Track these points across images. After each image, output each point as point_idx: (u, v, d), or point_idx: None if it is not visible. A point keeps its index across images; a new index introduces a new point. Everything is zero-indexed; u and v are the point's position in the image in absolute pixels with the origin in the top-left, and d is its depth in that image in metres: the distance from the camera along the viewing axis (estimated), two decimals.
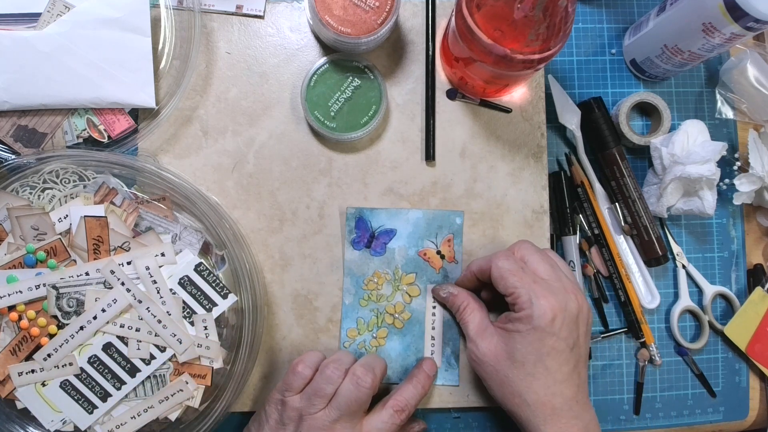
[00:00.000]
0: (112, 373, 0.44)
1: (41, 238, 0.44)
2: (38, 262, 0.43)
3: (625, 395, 0.54)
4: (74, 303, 0.43)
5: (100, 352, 0.44)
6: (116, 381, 0.44)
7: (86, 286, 0.43)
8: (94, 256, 0.44)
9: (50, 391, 0.43)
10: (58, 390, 0.43)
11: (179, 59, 0.49)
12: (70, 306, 0.43)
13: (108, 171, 0.46)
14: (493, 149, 0.52)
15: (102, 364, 0.44)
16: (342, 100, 0.50)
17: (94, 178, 0.46)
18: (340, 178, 0.51)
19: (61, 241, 0.44)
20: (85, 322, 0.43)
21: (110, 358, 0.44)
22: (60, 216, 0.44)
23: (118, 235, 0.44)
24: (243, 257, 0.47)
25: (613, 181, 0.53)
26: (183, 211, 0.47)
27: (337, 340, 0.50)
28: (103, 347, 0.44)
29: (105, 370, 0.44)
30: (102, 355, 0.44)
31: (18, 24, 0.46)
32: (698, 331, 0.55)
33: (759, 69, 0.52)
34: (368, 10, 0.46)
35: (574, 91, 0.55)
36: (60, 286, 0.43)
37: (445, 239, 0.51)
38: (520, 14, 0.38)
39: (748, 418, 0.55)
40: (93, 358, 0.44)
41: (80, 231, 0.44)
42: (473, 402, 0.51)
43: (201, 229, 0.47)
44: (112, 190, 0.46)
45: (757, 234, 0.57)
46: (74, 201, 0.45)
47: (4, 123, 0.47)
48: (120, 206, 0.45)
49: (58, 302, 0.43)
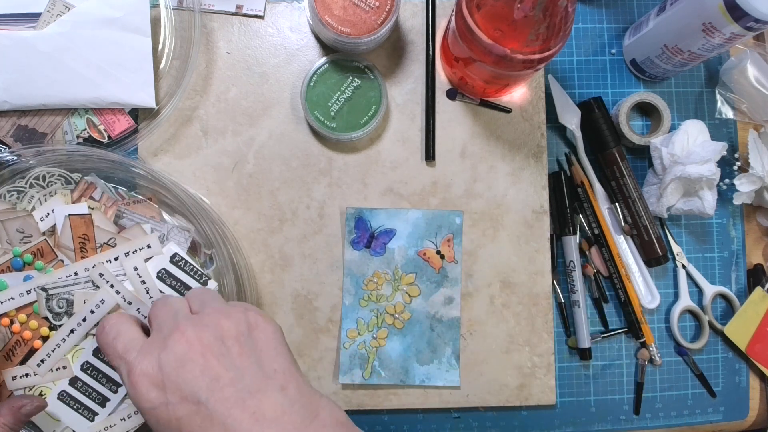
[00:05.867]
0: (106, 378, 0.44)
1: (27, 240, 0.44)
2: (26, 264, 0.43)
3: (625, 395, 0.54)
4: (64, 303, 0.43)
5: (91, 357, 0.44)
6: (112, 384, 0.44)
7: (75, 286, 0.43)
8: (81, 254, 0.44)
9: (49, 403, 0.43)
10: (56, 402, 0.43)
11: (179, 59, 0.49)
12: (60, 307, 0.43)
13: (95, 173, 0.46)
14: (493, 149, 0.52)
15: (95, 370, 0.44)
16: (342, 100, 0.50)
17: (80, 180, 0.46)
18: (340, 178, 0.51)
19: (47, 241, 0.44)
20: (75, 325, 0.43)
21: (102, 362, 0.44)
22: (42, 215, 0.44)
23: (103, 232, 0.44)
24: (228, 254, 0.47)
25: (613, 181, 0.53)
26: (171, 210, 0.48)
27: (337, 340, 0.50)
28: (94, 351, 0.44)
29: (99, 375, 0.44)
30: (94, 360, 0.44)
31: (18, 24, 0.46)
32: (698, 331, 0.55)
33: (759, 69, 0.52)
34: (368, 10, 0.46)
35: (574, 91, 0.55)
36: (49, 288, 0.43)
37: (444, 239, 0.51)
38: (520, 14, 0.38)
39: (748, 418, 0.55)
40: (86, 365, 0.44)
41: (65, 230, 0.44)
42: (473, 402, 0.51)
43: (189, 228, 0.47)
44: (91, 185, 0.46)
45: (757, 234, 0.57)
46: (54, 198, 0.45)
47: (4, 123, 0.47)
48: (99, 200, 0.45)
49: (48, 304, 0.43)
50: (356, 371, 0.50)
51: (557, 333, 0.53)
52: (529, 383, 0.51)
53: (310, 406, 0.34)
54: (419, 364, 0.50)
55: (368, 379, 0.50)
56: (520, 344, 0.51)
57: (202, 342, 0.34)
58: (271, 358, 0.35)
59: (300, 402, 0.33)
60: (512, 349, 0.51)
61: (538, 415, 0.53)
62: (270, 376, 0.34)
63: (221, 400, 0.32)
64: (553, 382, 0.51)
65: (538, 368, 0.51)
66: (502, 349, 0.51)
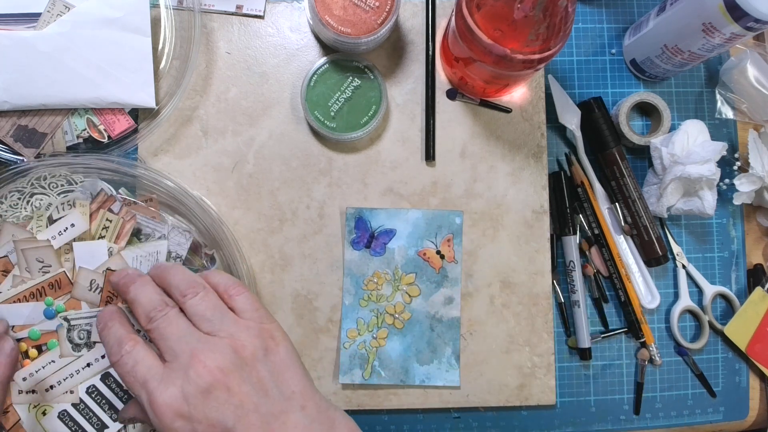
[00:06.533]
0: (109, 404, 0.44)
1: (46, 270, 0.44)
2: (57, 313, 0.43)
3: (625, 395, 0.54)
4: (85, 335, 0.43)
5: (98, 381, 0.44)
6: (113, 412, 0.44)
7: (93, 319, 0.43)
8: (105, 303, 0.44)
9: (49, 422, 0.43)
10: (55, 420, 0.43)
11: (179, 59, 0.49)
12: (80, 338, 0.43)
13: (96, 174, 0.46)
14: (493, 149, 0.52)
15: (100, 395, 0.44)
16: (342, 100, 0.50)
17: (82, 182, 0.46)
18: (340, 178, 0.51)
19: (65, 274, 0.44)
20: (93, 360, 0.43)
21: (108, 388, 0.44)
22: (61, 229, 0.44)
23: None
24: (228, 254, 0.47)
25: (613, 181, 0.53)
26: (171, 211, 0.48)
27: (337, 340, 0.50)
28: (102, 377, 0.44)
29: (102, 401, 0.44)
30: (100, 385, 0.44)
31: (18, 24, 0.46)
32: (698, 331, 0.55)
33: (759, 69, 0.52)
34: (368, 10, 0.46)
35: (574, 91, 0.55)
36: (71, 318, 0.43)
37: (444, 239, 0.51)
38: (520, 14, 0.38)
39: (748, 418, 0.55)
40: (91, 388, 0.43)
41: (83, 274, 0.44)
42: (473, 402, 0.51)
43: (189, 228, 0.47)
44: (110, 198, 0.45)
45: (757, 234, 0.57)
46: (72, 211, 0.44)
47: (4, 123, 0.47)
48: (118, 213, 0.45)
49: (69, 334, 0.43)
50: (356, 371, 0.50)
51: (557, 333, 0.53)
52: (529, 383, 0.51)
53: (327, 422, 0.36)
54: (419, 364, 0.50)
55: (368, 379, 0.50)
56: (520, 344, 0.51)
57: (224, 371, 0.35)
58: (289, 378, 0.37)
59: (318, 419, 0.36)
60: (512, 349, 0.51)
61: (538, 415, 0.53)
62: (290, 398, 0.36)
63: (248, 426, 0.34)
64: (553, 382, 0.51)
65: (538, 368, 0.51)
66: (502, 349, 0.51)
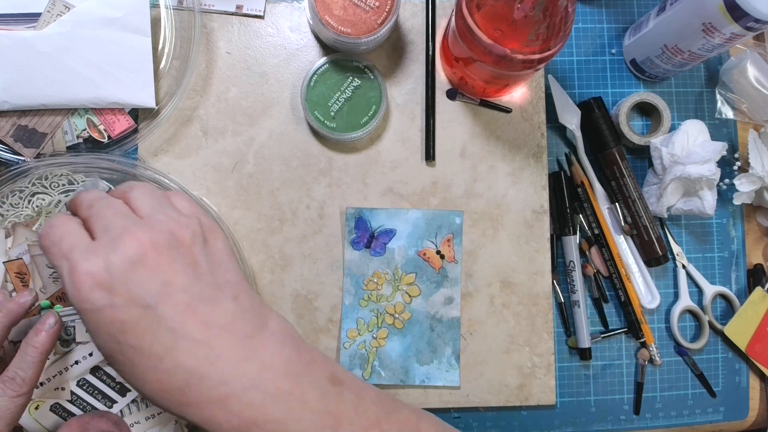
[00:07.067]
0: (102, 394, 0.44)
1: (56, 278, 0.44)
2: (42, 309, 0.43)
3: (625, 395, 0.54)
4: (72, 331, 0.43)
5: (88, 375, 0.44)
6: (107, 401, 0.44)
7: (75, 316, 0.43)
8: None
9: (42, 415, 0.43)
10: (49, 413, 0.43)
11: (179, 59, 0.49)
12: (68, 334, 0.43)
13: (97, 174, 0.46)
14: (493, 149, 0.52)
15: (91, 386, 0.44)
16: (342, 100, 0.50)
17: (83, 181, 0.46)
18: (340, 178, 0.51)
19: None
20: (81, 358, 0.43)
21: (99, 380, 0.44)
22: None
23: None
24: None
25: (613, 181, 0.53)
26: None
27: (337, 340, 0.50)
28: (92, 370, 0.44)
29: (95, 391, 0.44)
30: (91, 378, 0.44)
31: (18, 24, 0.46)
32: (698, 331, 0.55)
33: (759, 69, 0.52)
34: (368, 10, 0.46)
35: (574, 91, 0.55)
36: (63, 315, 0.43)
37: (444, 239, 0.51)
38: (520, 14, 0.38)
39: (748, 418, 0.55)
40: (82, 381, 0.44)
41: None
42: (473, 402, 0.51)
43: None
44: None
45: (757, 234, 0.57)
46: None
47: (4, 123, 0.47)
48: None
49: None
50: (356, 371, 0.50)
51: (557, 333, 0.53)
52: (529, 383, 0.51)
53: (260, 317, 0.33)
54: (419, 364, 0.50)
55: (368, 379, 0.50)
56: (520, 344, 0.51)
57: (157, 247, 0.31)
58: (224, 269, 0.34)
59: (251, 311, 0.33)
60: (512, 349, 0.51)
61: (538, 415, 0.53)
62: (222, 287, 0.33)
63: (171, 306, 0.31)
64: (553, 382, 0.51)
65: (538, 368, 0.51)
66: (502, 349, 0.51)
